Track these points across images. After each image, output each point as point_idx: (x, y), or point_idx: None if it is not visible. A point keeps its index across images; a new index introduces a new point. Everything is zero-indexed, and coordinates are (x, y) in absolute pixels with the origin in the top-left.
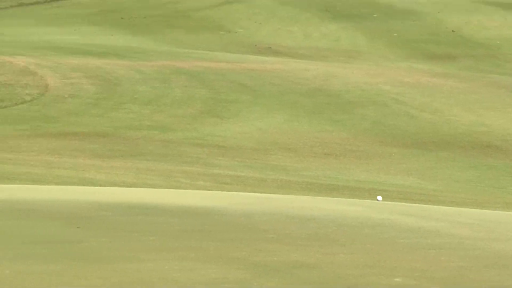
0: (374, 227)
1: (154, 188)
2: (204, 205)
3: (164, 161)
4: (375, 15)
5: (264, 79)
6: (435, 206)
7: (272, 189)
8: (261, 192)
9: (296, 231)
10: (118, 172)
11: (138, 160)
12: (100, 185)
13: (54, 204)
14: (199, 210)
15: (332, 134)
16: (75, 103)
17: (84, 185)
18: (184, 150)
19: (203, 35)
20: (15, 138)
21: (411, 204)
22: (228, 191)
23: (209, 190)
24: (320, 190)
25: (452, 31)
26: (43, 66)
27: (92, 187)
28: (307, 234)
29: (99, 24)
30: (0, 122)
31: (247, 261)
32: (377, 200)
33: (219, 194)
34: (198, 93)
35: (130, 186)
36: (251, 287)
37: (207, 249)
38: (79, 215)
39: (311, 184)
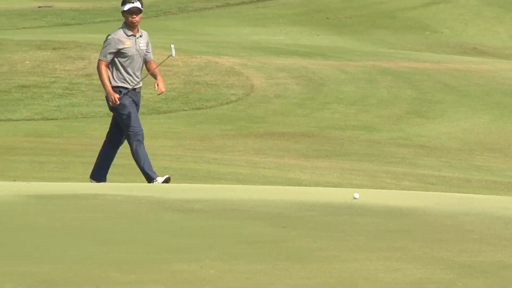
0: None
1: (359, 188)
2: (409, 205)
3: (369, 161)
4: None
5: (469, 80)
6: None
7: (477, 190)
8: (465, 193)
9: (501, 232)
10: (323, 172)
11: (343, 160)
12: (305, 185)
13: (259, 204)
14: (404, 210)
15: None
16: (281, 103)
17: (289, 185)
18: (389, 150)
19: (408, 35)
20: (220, 138)
21: None
22: (433, 191)
23: (414, 190)
24: None
25: None
26: (248, 67)
27: (297, 187)
28: None
29: (305, 24)
30: (206, 122)
31: (452, 261)
32: (354, 197)
33: (424, 195)
34: (404, 93)
35: (335, 186)
36: (456, 287)
37: (411, 249)
38: (284, 215)
39: None
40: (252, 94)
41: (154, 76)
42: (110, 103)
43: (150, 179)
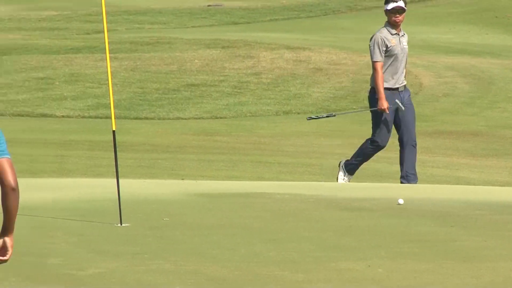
0: None
1: None
2: None
3: None
4: None
5: None
6: None
7: None
8: None
9: None
10: (492, 171)
11: None
12: (474, 184)
13: (427, 202)
14: None
15: None
16: (449, 102)
17: (457, 184)
18: None
19: None
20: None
21: None
22: None
23: None
24: None
25: None
26: (417, 65)
27: (465, 186)
28: None
29: (474, 23)
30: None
31: None
32: (398, 203)
33: None
34: None
35: (504, 185)
36: None
37: None
38: (452, 214)
39: None
40: (420, 92)
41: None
42: (378, 108)
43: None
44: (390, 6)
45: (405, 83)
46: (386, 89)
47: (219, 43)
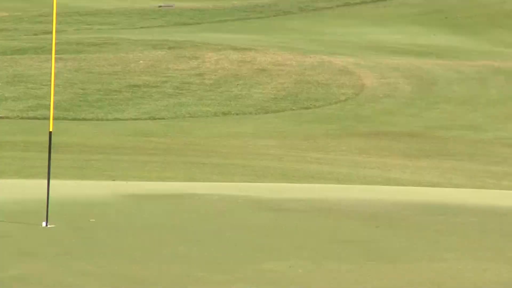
0: None
1: (457, 188)
2: (506, 205)
3: (471, 161)
4: None
5: None
6: None
7: None
8: None
9: None
10: (423, 172)
11: (445, 159)
12: (404, 185)
13: (355, 203)
14: (500, 210)
15: None
16: (389, 102)
17: (388, 184)
18: (492, 150)
19: None
20: (325, 137)
21: None
22: None
23: None
24: None
25: None
26: (361, 66)
27: (395, 187)
28: None
29: (423, 24)
30: (312, 122)
31: None
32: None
33: None
34: None
35: (434, 186)
36: None
37: (504, 249)
38: (379, 215)
39: None
40: (361, 93)
41: None
42: None
43: None
44: None
45: None
46: None
47: (166, 44)
